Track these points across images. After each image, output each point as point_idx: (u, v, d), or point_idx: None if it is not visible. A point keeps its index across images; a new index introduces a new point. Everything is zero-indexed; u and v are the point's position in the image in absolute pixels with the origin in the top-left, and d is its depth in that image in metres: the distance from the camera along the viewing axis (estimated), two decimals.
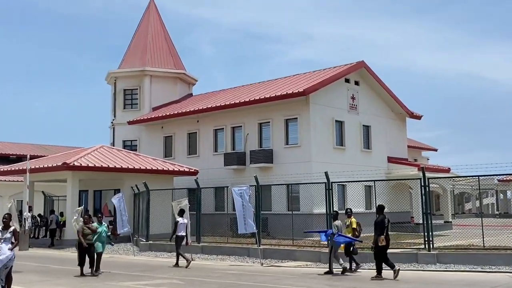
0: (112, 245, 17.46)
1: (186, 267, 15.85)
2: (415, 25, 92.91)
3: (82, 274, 14.19)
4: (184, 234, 16.59)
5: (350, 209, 14.87)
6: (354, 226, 14.42)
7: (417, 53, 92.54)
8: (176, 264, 16.33)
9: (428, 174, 16.69)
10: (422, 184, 16.00)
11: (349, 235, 14.26)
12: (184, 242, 16.54)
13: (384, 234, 12.85)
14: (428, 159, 46.84)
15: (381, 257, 12.92)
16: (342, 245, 14.25)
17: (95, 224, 14.78)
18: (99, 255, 14.59)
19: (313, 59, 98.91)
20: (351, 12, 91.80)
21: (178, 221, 16.68)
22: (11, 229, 10.55)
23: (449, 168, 31.68)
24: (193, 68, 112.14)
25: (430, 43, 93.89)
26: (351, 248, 14.42)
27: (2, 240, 10.36)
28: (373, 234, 13.11)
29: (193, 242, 19.35)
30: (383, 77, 34.07)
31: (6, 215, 10.86)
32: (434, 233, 16.21)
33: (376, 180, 18.74)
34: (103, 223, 15.09)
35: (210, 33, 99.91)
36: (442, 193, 33.02)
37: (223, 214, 26.07)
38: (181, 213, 17.05)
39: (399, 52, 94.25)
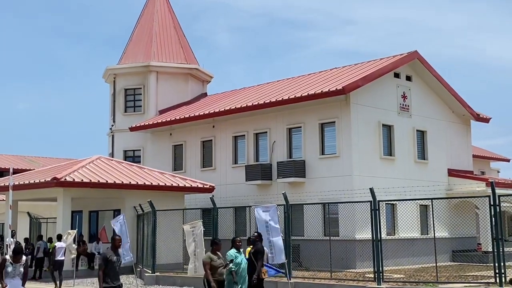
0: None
1: None
2: (483, 4, 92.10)
3: None
4: (62, 258, 20.95)
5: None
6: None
7: (485, 40, 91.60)
8: None
9: (499, 191, 16.51)
10: (492, 203, 15.86)
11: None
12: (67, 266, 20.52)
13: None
14: (498, 172, 46.19)
15: None
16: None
17: (232, 252, 12.89)
18: None
19: (354, 49, 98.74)
20: None
21: (55, 246, 21.21)
22: (23, 260, 10.82)
23: None
24: (208, 63, 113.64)
25: (502, 27, 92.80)
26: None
27: (15, 275, 10.57)
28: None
29: None
30: (442, 71, 33.77)
31: (18, 245, 11.16)
32: (506, 263, 15.94)
33: (434, 198, 18.54)
34: (240, 250, 13.26)
35: (228, 19, 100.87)
36: None
37: (244, 239, 26.04)
38: (59, 237, 21.74)
39: (461, 39, 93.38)
